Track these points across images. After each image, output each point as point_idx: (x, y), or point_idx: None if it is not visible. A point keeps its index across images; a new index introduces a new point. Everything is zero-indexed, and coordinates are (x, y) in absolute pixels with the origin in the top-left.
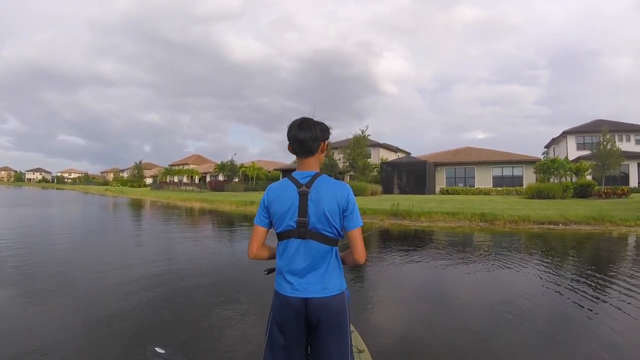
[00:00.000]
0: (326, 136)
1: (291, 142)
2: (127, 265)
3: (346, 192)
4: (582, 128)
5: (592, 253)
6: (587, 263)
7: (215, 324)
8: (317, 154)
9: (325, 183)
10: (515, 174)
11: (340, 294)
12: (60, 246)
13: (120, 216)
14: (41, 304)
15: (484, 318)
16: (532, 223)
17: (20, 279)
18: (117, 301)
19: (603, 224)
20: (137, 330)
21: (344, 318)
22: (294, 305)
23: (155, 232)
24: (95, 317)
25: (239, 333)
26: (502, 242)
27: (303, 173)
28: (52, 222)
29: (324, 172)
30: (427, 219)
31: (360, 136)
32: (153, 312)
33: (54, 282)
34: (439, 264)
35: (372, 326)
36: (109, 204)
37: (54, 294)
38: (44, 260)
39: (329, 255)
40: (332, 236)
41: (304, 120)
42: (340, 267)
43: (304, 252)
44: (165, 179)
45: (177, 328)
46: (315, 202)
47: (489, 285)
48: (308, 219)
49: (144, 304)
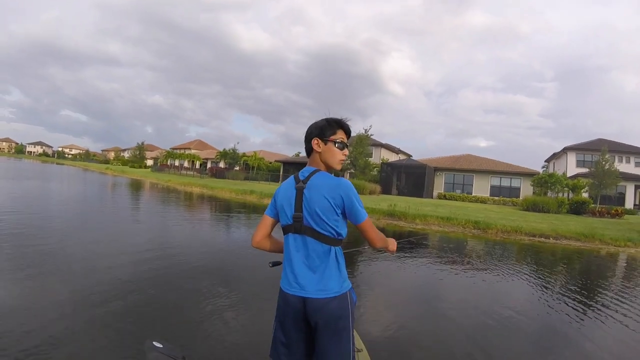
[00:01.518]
0: (318, 133)
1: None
2: (135, 250)
3: (340, 190)
4: (583, 145)
5: (579, 268)
6: (573, 278)
7: (211, 316)
8: (314, 151)
9: (321, 180)
10: (513, 185)
11: (340, 296)
12: (57, 227)
13: (122, 196)
14: (35, 289)
15: (475, 321)
16: (523, 234)
17: (14, 260)
18: (113, 289)
19: (593, 241)
20: (133, 324)
21: (345, 322)
22: (292, 303)
23: (155, 214)
24: (90, 310)
25: (235, 327)
26: (492, 250)
27: (305, 170)
28: (53, 200)
29: (324, 169)
30: (422, 221)
31: (363, 135)
32: (148, 302)
33: (47, 269)
34: (430, 266)
35: (369, 325)
36: (110, 183)
37: (45, 282)
38: (41, 242)
39: (328, 255)
40: (327, 235)
41: (312, 123)
42: (340, 268)
43: (301, 247)
44: (167, 162)
45: (171, 318)
46: (308, 198)
47: (479, 290)
48: (302, 214)
49: (140, 292)
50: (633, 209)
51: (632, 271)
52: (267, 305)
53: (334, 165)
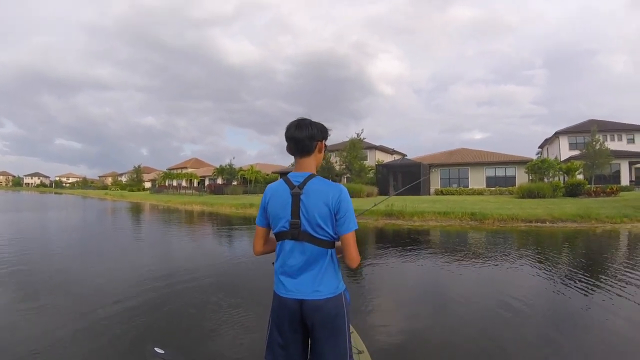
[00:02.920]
0: (324, 136)
1: (288, 142)
2: (138, 265)
3: (337, 195)
4: (574, 128)
5: (577, 249)
6: (574, 259)
7: (214, 325)
8: (314, 154)
9: (318, 185)
10: (508, 174)
11: (336, 296)
12: (63, 251)
13: (125, 220)
14: (40, 307)
15: (481, 316)
16: (520, 221)
17: (20, 283)
18: (118, 302)
19: (589, 221)
20: (137, 332)
21: (340, 321)
22: (288, 306)
23: (160, 234)
24: (95, 319)
25: (236, 334)
26: (490, 240)
27: (298, 174)
28: (56, 228)
29: (320, 175)
30: (420, 218)
31: (356, 139)
32: (153, 313)
33: (54, 286)
34: (430, 261)
35: (369, 326)
36: (111, 209)
37: (52, 297)
38: (46, 266)
39: (323, 257)
40: (325, 239)
41: (301, 120)
42: (336, 269)
43: (298, 253)
44: (165, 183)
45: (177, 329)
46: (306, 204)
47: (481, 282)
48: (300, 220)
49: (147, 305)
50: (630, 186)
51: (629, 246)
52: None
53: (318, 168)
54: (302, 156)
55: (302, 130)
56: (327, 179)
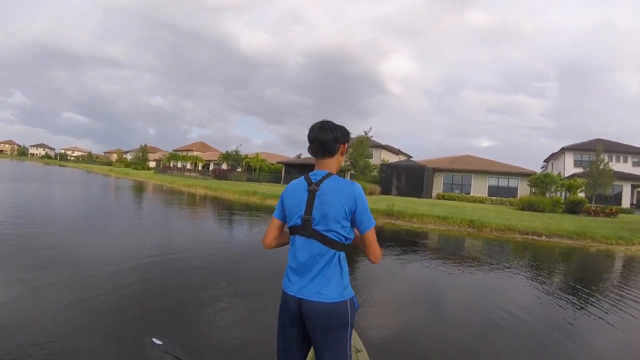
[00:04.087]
0: (346, 139)
1: (312, 143)
2: (139, 246)
3: (354, 194)
4: (580, 146)
5: (568, 264)
6: (567, 273)
7: (213, 313)
8: (336, 156)
9: (334, 184)
10: (511, 185)
11: (340, 303)
12: (67, 230)
13: (128, 198)
14: (37, 290)
15: (476, 320)
16: (516, 233)
17: (17, 261)
18: (115, 289)
19: (584, 239)
20: (134, 317)
21: (342, 331)
22: (290, 304)
23: (163, 216)
24: (91, 306)
25: (235, 321)
26: (486, 248)
27: (318, 172)
28: (58, 204)
29: None
30: (419, 220)
31: (363, 137)
32: (149, 301)
33: (51, 266)
34: (426, 264)
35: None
36: (114, 186)
37: (49, 284)
38: (45, 243)
39: (331, 259)
40: (335, 239)
41: (325, 122)
42: (342, 274)
43: (306, 250)
44: (169, 164)
45: (175, 317)
46: (321, 201)
47: (476, 288)
48: (312, 217)
49: (145, 290)
50: (630, 208)
51: (622, 268)
52: (271, 302)
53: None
54: (324, 157)
55: (326, 132)
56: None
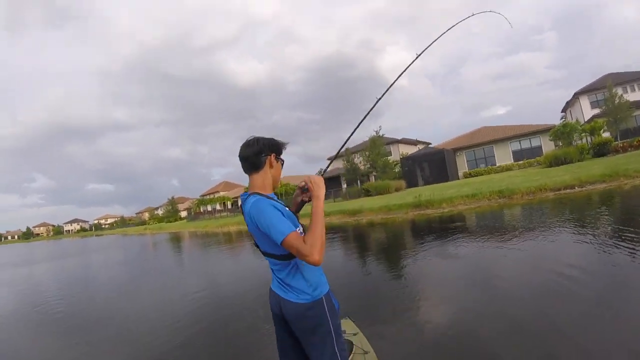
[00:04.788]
0: (274, 149)
1: (240, 161)
2: (184, 294)
3: (250, 212)
4: (592, 86)
5: (610, 209)
6: (609, 220)
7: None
8: (264, 169)
9: (245, 208)
10: (534, 144)
11: (312, 303)
12: (114, 290)
13: (167, 251)
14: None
15: (534, 294)
16: (548, 191)
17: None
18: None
19: (617, 179)
20: None
21: (322, 329)
22: (272, 303)
23: (201, 260)
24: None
25: None
26: (520, 214)
27: (245, 194)
28: (104, 271)
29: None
30: (448, 204)
31: (375, 137)
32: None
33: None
34: (465, 247)
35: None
36: (151, 242)
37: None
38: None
39: (287, 267)
40: (278, 253)
41: (249, 139)
42: (306, 277)
43: (272, 264)
44: (200, 210)
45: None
46: (249, 227)
47: (524, 259)
48: (256, 243)
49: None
50: None
51: None
52: None
53: (277, 184)
54: (251, 173)
55: (248, 148)
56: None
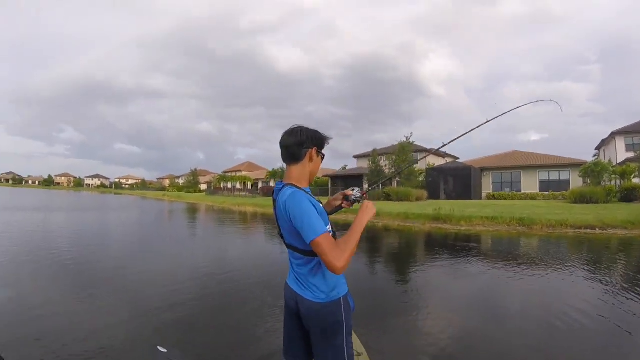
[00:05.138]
0: (316, 143)
1: (280, 149)
2: (192, 263)
3: (285, 204)
4: (630, 128)
5: (627, 259)
6: (625, 269)
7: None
8: (303, 162)
9: (280, 198)
10: (562, 178)
11: (329, 303)
12: (124, 248)
13: (182, 220)
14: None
15: (534, 327)
16: (568, 227)
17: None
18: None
19: None
20: (188, 333)
21: (335, 329)
22: (287, 297)
23: (214, 234)
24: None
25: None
26: (537, 246)
27: (279, 183)
28: (119, 229)
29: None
30: (467, 223)
31: (405, 143)
32: (206, 317)
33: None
34: (476, 267)
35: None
36: (169, 209)
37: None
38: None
39: (310, 264)
40: (302, 248)
41: (293, 127)
42: (326, 277)
43: (293, 257)
44: (220, 185)
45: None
46: (277, 214)
47: (531, 292)
48: (282, 233)
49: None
50: None
51: None
52: None
53: (313, 178)
54: (289, 163)
55: (291, 137)
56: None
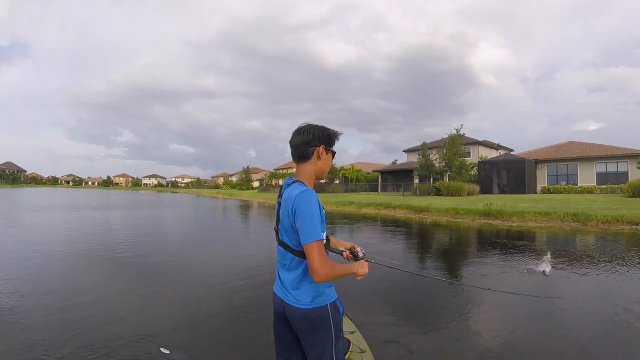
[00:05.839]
0: (323, 141)
1: (290, 147)
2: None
3: (294, 203)
4: None
5: None
6: None
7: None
8: (312, 160)
9: (290, 192)
10: (620, 169)
11: (316, 309)
12: (185, 243)
13: (236, 215)
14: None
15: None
16: (625, 223)
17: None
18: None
19: None
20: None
21: (322, 334)
22: (275, 303)
23: (265, 229)
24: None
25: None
26: (590, 243)
27: (289, 179)
28: (176, 225)
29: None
30: (519, 218)
31: (455, 135)
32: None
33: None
34: (528, 265)
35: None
36: (223, 206)
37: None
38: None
39: (300, 267)
40: (296, 249)
41: (302, 125)
42: (311, 283)
43: (282, 258)
44: (271, 182)
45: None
46: (280, 212)
47: (585, 287)
48: (278, 229)
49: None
50: None
51: None
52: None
53: (324, 175)
54: (299, 162)
55: (299, 135)
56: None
